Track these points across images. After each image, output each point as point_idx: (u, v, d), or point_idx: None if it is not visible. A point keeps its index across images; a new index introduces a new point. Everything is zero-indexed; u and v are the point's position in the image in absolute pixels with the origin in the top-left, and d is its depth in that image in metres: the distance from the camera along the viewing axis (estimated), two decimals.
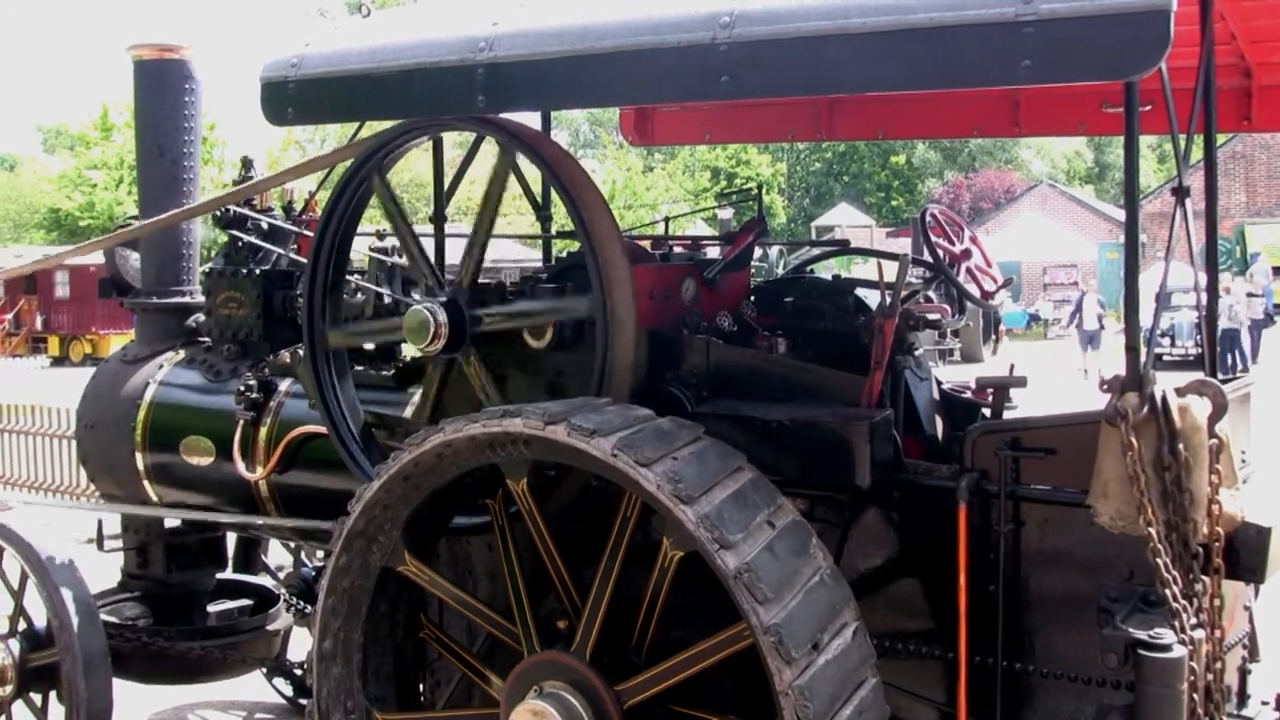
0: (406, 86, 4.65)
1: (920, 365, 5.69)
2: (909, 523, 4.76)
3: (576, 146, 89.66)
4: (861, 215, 61.36)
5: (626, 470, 3.95)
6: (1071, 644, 4.43)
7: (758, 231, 5.90)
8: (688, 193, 70.59)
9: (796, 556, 3.99)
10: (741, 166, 77.64)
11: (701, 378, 4.98)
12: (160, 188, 7.21)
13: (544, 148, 4.97)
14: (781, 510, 4.12)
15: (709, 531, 3.82)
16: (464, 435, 4.34)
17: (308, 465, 6.24)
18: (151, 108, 7.26)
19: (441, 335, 4.97)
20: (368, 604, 4.88)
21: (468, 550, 5.44)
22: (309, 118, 5.21)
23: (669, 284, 5.33)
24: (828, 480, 4.64)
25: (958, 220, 6.50)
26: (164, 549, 7.24)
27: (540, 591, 4.63)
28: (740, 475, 4.14)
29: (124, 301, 7.57)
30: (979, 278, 6.32)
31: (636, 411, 4.32)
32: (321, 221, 5.39)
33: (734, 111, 7.18)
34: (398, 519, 4.74)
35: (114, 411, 7.07)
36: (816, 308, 5.61)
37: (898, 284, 5.01)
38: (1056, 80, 3.63)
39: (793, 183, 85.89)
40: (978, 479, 4.50)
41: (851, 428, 4.53)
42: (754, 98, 4.48)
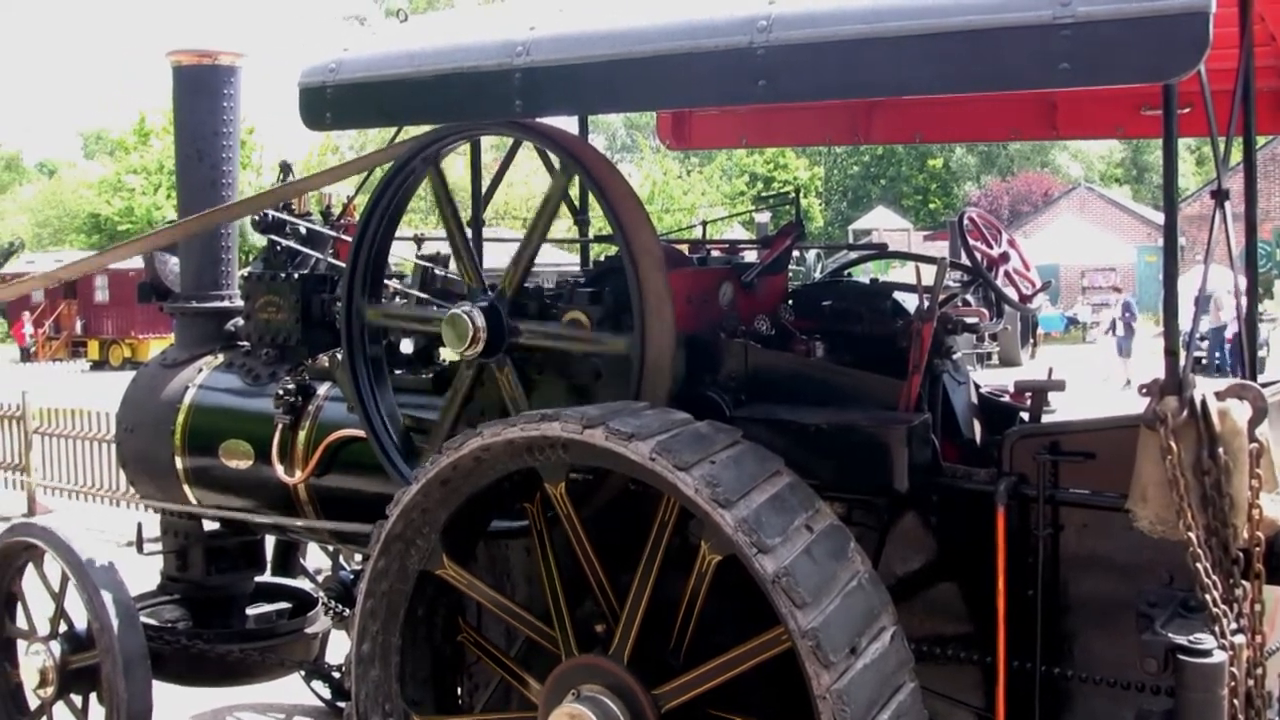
0: (444, 91, 4.66)
1: (958, 369, 5.68)
2: (947, 527, 4.75)
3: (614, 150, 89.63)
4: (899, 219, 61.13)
5: (665, 474, 3.95)
6: (1111, 649, 4.40)
7: (795, 235, 5.90)
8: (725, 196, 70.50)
9: (834, 560, 3.99)
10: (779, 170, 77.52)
11: (739, 381, 4.98)
12: (198, 192, 7.26)
13: (581, 152, 4.98)
14: (819, 514, 4.11)
15: (747, 535, 3.82)
16: (502, 439, 4.34)
17: (346, 469, 6.27)
18: (190, 113, 7.32)
19: (480, 339, 4.98)
20: (406, 607, 4.89)
21: (506, 554, 5.45)
22: (347, 122, 5.23)
23: (706, 288, 5.33)
24: (865, 484, 4.64)
25: (995, 223, 6.49)
26: (203, 552, 7.27)
27: (578, 595, 4.63)
28: (778, 479, 4.14)
29: (163, 306, 7.61)
30: (1017, 281, 6.30)
31: (674, 415, 4.32)
32: (361, 222, 5.41)
33: (771, 115, 7.17)
34: (436, 522, 4.75)
35: (153, 415, 7.12)
36: (854, 311, 5.60)
37: (935, 288, 5.00)
38: (1094, 83, 3.62)
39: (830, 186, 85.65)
40: (1016, 483, 4.48)
41: (889, 431, 4.52)
42: (791, 102, 4.48)
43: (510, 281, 5.08)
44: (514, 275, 5.08)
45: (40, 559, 6.71)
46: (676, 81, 4.18)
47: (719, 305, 5.36)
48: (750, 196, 67.30)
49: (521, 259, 5.08)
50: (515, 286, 5.08)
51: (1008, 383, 6.04)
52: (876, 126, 7.09)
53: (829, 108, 6.90)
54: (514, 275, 5.08)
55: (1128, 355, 31.43)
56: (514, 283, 5.08)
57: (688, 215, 53.81)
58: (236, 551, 7.42)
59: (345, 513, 6.26)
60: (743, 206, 58.15)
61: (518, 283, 5.09)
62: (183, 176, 7.39)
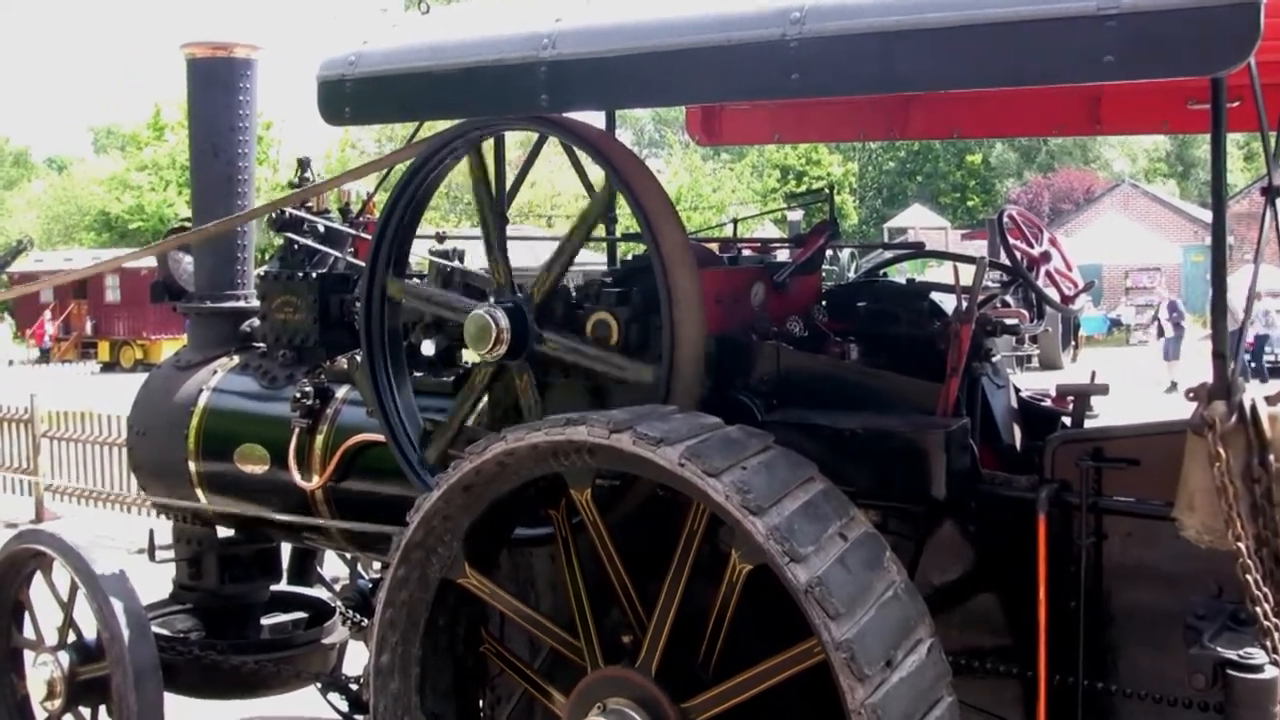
0: (467, 85, 4.68)
1: (998, 372, 5.67)
2: (986, 535, 4.74)
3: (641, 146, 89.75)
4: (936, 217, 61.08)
5: (694, 480, 3.96)
6: (1156, 663, 4.39)
7: (829, 233, 5.90)
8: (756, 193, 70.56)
9: (869, 570, 3.98)
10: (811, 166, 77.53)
11: (771, 385, 4.98)
12: (213, 189, 7.28)
13: (609, 148, 4.99)
14: (854, 522, 4.11)
15: (779, 544, 3.82)
16: (526, 444, 4.35)
17: (365, 474, 6.29)
18: (205, 107, 7.33)
19: (504, 341, 4.99)
20: (426, 617, 4.90)
21: (530, 562, 5.46)
22: (367, 117, 5.25)
23: (737, 288, 5.33)
24: (902, 491, 4.64)
25: (1036, 222, 6.48)
26: (217, 560, 7.29)
27: (604, 605, 4.63)
28: (811, 486, 4.14)
29: (177, 306, 7.63)
30: (1058, 281, 6.29)
31: (704, 419, 4.32)
32: (380, 221, 5.42)
33: (804, 110, 7.17)
34: (458, 530, 4.76)
35: (166, 418, 7.14)
36: (890, 312, 5.60)
37: (974, 288, 4.99)
38: (1140, 76, 3.61)
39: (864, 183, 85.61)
40: (1058, 490, 4.47)
41: (926, 437, 4.52)
42: (824, 96, 4.49)
43: (541, 287, 5.09)
44: (546, 281, 5.09)
45: (48, 567, 6.74)
46: (707, 75, 4.18)
47: (750, 306, 5.37)
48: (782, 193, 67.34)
49: (555, 266, 5.09)
50: (545, 293, 5.09)
51: (1049, 386, 6.03)
52: (913, 121, 7.08)
53: (864, 102, 6.90)
54: (546, 281, 5.09)
55: (1175, 358, 31.25)
56: (544, 290, 5.09)
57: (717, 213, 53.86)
58: (251, 559, 7.43)
59: (364, 519, 6.28)
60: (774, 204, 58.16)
61: (548, 290, 5.09)
62: (197, 173, 7.41)
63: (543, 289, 5.09)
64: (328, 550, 7.96)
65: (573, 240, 5.07)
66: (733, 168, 73.79)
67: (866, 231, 75.34)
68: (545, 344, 5.07)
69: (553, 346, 5.07)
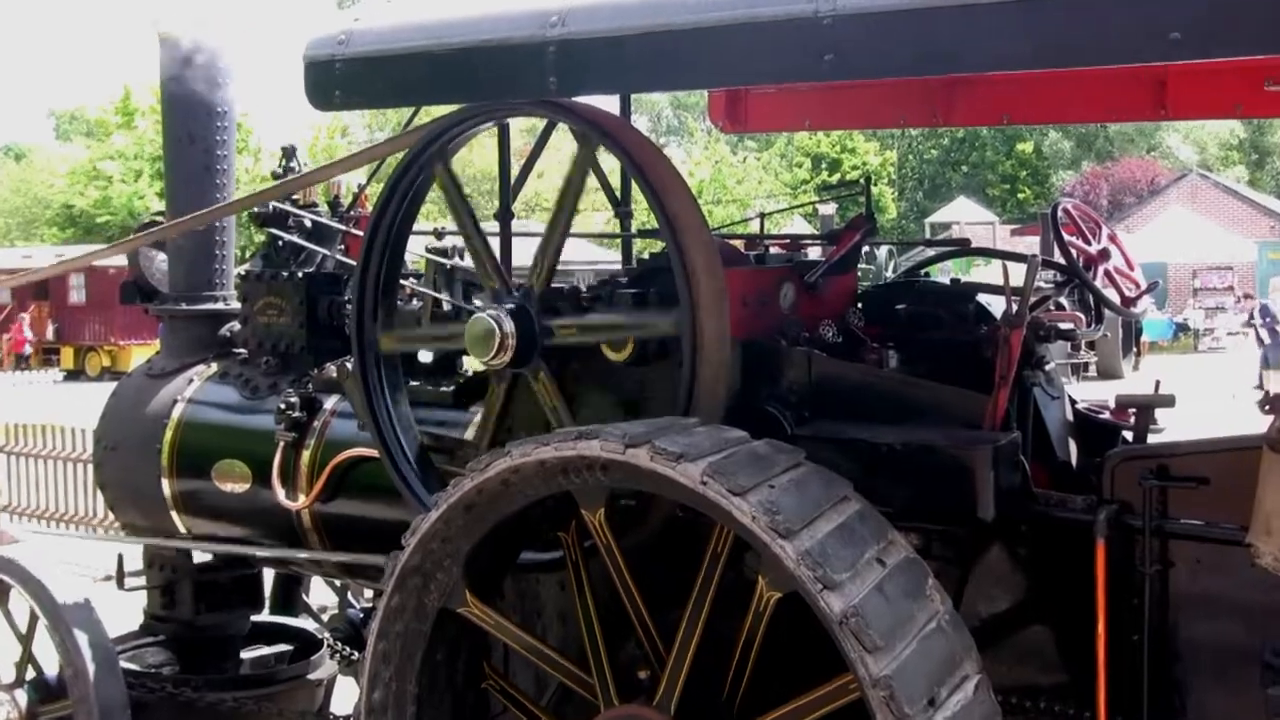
0: (468, 67, 4.69)
1: (1051, 382, 5.67)
2: (1039, 561, 4.74)
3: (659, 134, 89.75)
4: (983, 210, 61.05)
5: (717, 500, 3.96)
6: (1229, 704, 4.39)
7: (865, 229, 5.91)
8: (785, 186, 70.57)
9: (910, 599, 3.99)
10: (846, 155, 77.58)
11: (802, 395, 4.99)
12: (190, 179, 7.28)
13: (623, 135, 4.99)
14: (893, 546, 4.11)
15: (811, 570, 3.82)
16: (533, 460, 4.36)
17: (356, 493, 6.29)
18: (180, 90, 7.32)
19: (508, 347, 4.99)
20: (424, 650, 4.91)
21: (537, 590, 5.48)
22: (358, 102, 5.27)
23: (765, 289, 5.34)
24: (946, 512, 4.64)
25: (1094, 216, 6.48)
26: (192, 588, 7.28)
27: (619, 636, 4.64)
28: (846, 506, 4.14)
29: (149, 308, 7.62)
30: (1119, 282, 6.29)
31: (728, 433, 4.33)
32: (373, 218, 5.43)
33: (838, 94, 7.17)
34: (458, 554, 4.77)
35: (137, 432, 7.15)
36: (932, 316, 5.61)
37: (1025, 289, 4.99)
38: (1210, 55, 3.61)
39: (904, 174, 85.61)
40: (1118, 512, 4.47)
41: (973, 452, 4.52)
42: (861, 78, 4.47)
43: (539, 276, 5.10)
44: (542, 267, 5.10)
45: (5, 595, 6.73)
46: (732, 56, 4.19)
47: (779, 308, 5.38)
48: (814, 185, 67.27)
49: (549, 248, 5.10)
50: (545, 280, 5.10)
51: (1108, 397, 6.02)
52: (958, 106, 7.08)
53: (904, 85, 6.90)
54: (542, 267, 5.10)
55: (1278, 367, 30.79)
56: (543, 276, 5.10)
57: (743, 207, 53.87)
58: (230, 587, 7.43)
59: (355, 543, 6.29)
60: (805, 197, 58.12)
61: (547, 275, 5.10)
62: (172, 162, 7.41)
63: (542, 275, 5.09)
64: (315, 577, 7.98)
65: (560, 219, 5.08)
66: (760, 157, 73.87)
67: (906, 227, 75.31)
68: (555, 334, 5.08)
69: (563, 333, 5.08)
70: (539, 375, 5.09)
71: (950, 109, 7.09)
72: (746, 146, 75.11)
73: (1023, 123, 10.14)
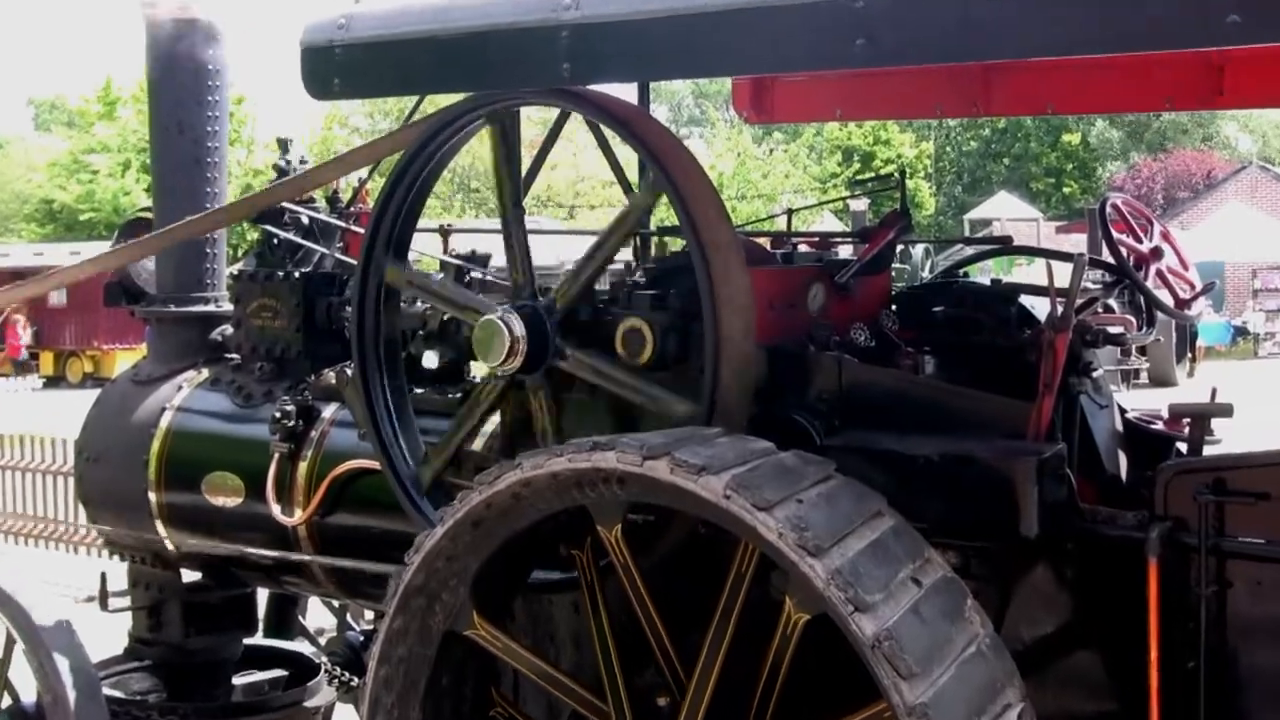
0: (476, 53, 4.70)
1: (1099, 390, 5.68)
2: (1086, 582, 4.74)
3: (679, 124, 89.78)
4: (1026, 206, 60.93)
5: (741, 515, 3.96)
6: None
7: (900, 226, 5.91)
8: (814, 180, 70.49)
9: (948, 621, 3.99)
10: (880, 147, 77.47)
11: (832, 403, 5.00)
12: (179, 172, 7.30)
13: (642, 126, 5.00)
14: (929, 565, 4.12)
15: (841, 590, 3.82)
16: (546, 472, 4.36)
17: (356, 507, 6.30)
18: (168, 77, 7.33)
19: (519, 352, 5.00)
20: (428, 675, 4.92)
21: (549, 611, 5.48)
22: (359, 90, 5.30)
23: (792, 290, 5.35)
24: (986, 529, 4.64)
25: (1145, 212, 6.48)
26: (181, 608, 7.27)
27: (637, 660, 4.64)
28: (879, 522, 4.15)
29: (135, 310, 7.63)
30: (1172, 282, 6.29)
31: (754, 444, 4.34)
32: (375, 215, 5.44)
33: (871, 81, 7.18)
34: (465, 573, 4.78)
35: (122, 442, 7.16)
36: (971, 319, 5.61)
37: (1071, 290, 4.99)
38: (1271, 39, 3.61)
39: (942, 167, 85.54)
40: (1172, 529, 4.47)
41: (1015, 465, 4.52)
42: (896, 65, 4.48)
43: (565, 294, 5.10)
44: (572, 288, 5.10)
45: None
46: (757, 41, 4.19)
47: (807, 311, 5.39)
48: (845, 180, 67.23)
49: (585, 270, 5.10)
50: (571, 301, 5.11)
51: (1160, 406, 6.02)
52: (999, 95, 7.09)
53: (942, 72, 6.91)
54: (572, 288, 5.10)
55: None
56: (570, 297, 5.10)
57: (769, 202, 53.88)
58: (222, 608, 7.42)
59: (355, 560, 6.30)
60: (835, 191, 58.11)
61: (574, 297, 5.11)
62: (160, 154, 7.43)
63: (568, 296, 5.10)
64: (312, 597, 8.00)
65: (609, 243, 5.09)
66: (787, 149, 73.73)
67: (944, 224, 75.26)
68: (566, 360, 5.09)
69: (574, 364, 5.09)
70: (567, 355, 5.08)
71: (991, 97, 7.09)
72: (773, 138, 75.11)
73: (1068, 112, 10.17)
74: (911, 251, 27.67)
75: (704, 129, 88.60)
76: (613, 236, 5.10)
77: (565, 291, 5.11)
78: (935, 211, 78.81)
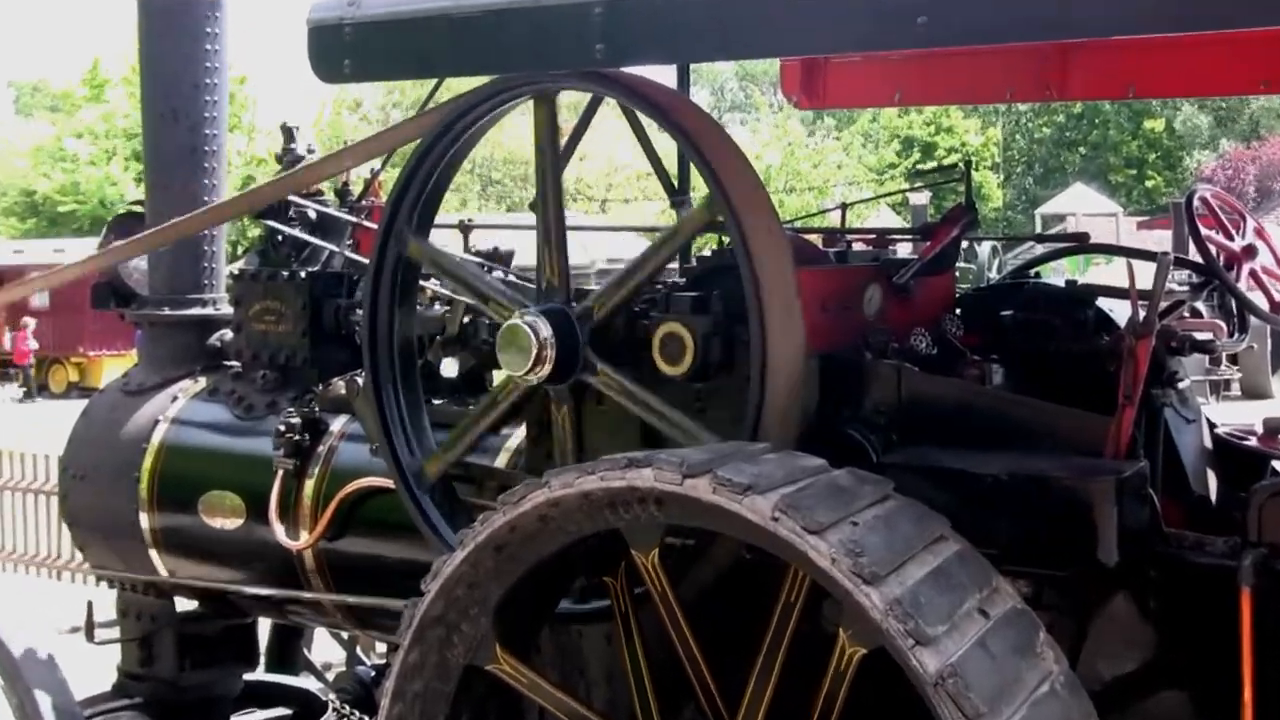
0: (501, 32, 4.70)
1: (1185, 402, 5.66)
2: (1172, 613, 4.73)
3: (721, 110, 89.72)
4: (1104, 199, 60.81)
5: (791, 539, 3.96)
6: None
7: (965, 222, 5.90)
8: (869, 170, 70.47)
9: (1019, 657, 3.98)
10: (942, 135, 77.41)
11: (890, 416, 5.00)
12: (174, 162, 7.32)
13: (681, 112, 5.01)
14: (998, 594, 4.11)
15: (901, 622, 3.81)
16: (576, 492, 4.34)
17: (368, 530, 6.33)
18: (162, 58, 7.36)
19: (546, 360, 5.01)
20: (446, 713, 4.91)
21: (579, 644, 5.49)
22: (371, 73, 5.30)
23: (846, 292, 5.35)
24: (1060, 555, 4.63)
25: (1237, 206, 6.46)
26: (175, 640, 7.29)
27: (675, 698, 4.65)
28: (943, 547, 4.14)
29: (125, 313, 7.65)
30: (1267, 283, 6.27)
31: (804, 461, 4.34)
32: (388, 210, 5.45)
33: (934, 63, 7.18)
34: (487, 602, 4.78)
35: (111, 459, 7.18)
36: (1044, 323, 5.61)
37: (1155, 292, 4.98)
38: None
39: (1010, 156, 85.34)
40: (1266, 556, 4.45)
41: (1092, 485, 4.51)
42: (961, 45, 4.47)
43: (604, 304, 5.10)
44: (612, 299, 5.10)
45: None
46: (808, 19, 4.20)
47: (863, 315, 5.39)
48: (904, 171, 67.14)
49: (629, 282, 5.08)
50: (609, 311, 5.11)
51: (1254, 420, 6.01)
52: (1075, 77, 7.07)
53: (1012, 52, 6.90)
54: (612, 299, 5.10)
55: None
56: (609, 308, 5.10)
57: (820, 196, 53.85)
58: (219, 640, 7.44)
59: (366, 588, 6.32)
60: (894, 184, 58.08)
61: (613, 308, 5.11)
62: (153, 142, 7.44)
63: (607, 307, 5.10)
64: (318, 628, 8.01)
65: (657, 258, 5.06)
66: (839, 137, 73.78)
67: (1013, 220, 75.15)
68: (596, 375, 5.08)
69: (603, 382, 5.08)
70: (598, 370, 5.08)
71: (1067, 80, 7.08)
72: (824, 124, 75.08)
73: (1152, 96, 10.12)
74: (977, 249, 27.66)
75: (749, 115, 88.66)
76: (662, 251, 5.08)
77: (604, 302, 5.10)
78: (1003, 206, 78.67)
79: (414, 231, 5.45)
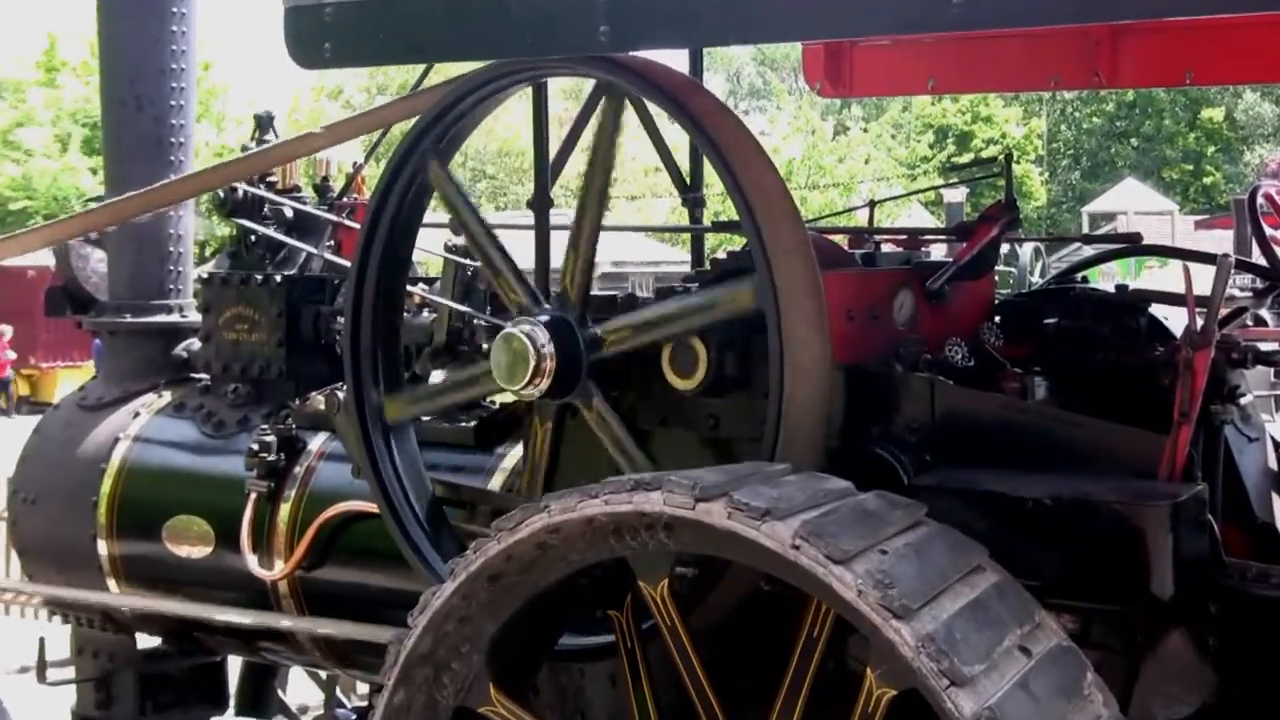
0: (496, 14, 4.72)
1: (1248, 419, 5.67)
2: (1232, 650, 4.74)
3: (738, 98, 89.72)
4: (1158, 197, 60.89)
5: (813, 569, 3.96)
6: None
7: (1005, 221, 5.91)
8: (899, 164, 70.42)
9: (1064, 699, 3.99)
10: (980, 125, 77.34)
11: (923, 434, 5.00)
12: (137, 155, 7.33)
13: (693, 101, 5.02)
14: (1041, 630, 4.12)
15: (934, 660, 3.82)
16: (578, 517, 4.35)
17: (349, 559, 6.34)
18: (125, 42, 7.37)
19: (546, 370, 5.00)
20: None
21: (580, 683, 5.49)
22: (354, 58, 5.31)
23: (875, 298, 5.36)
24: (1110, 587, 4.63)
25: None
26: (136, 681, 7.31)
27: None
28: (980, 578, 4.15)
29: (82, 321, 7.65)
30: None
31: (828, 484, 4.35)
32: (372, 207, 5.45)
33: (970, 47, 7.19)
34: (479, 638, 4.79)
35: (67, 480, 7.19)
36: (1091, 333, 5.61)
37: (1214, 299, 4.99)
38: None
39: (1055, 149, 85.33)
40: None
41: (1145, 510, 4.51)
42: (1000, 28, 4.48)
43: (616, 343, 5.09)
44: (573, 266, 5.12)
45: None
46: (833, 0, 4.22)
47: (894, 323, 5.40)
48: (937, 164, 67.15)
49: (649, 333, 5.05)
50: (581, 284, 5.11)
51: None
52: (1126, 63, 7.07)
53: (1056, 36, 6.91)
54: (573, 266, 5.12)
55: None
56: (577, 278, 5.11)
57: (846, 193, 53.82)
58: (185, 680, 7.46)
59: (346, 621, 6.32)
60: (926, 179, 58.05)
61: (583, 277, 5.11)
62: (114, 133, 7.46)
63: (574, 276, 5.11)
64: (294, 667, 8.01)
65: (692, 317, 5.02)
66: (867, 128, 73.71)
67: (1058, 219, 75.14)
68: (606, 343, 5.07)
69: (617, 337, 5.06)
70: (592, 403, 5.08)
71: (1117, 66, 7.08)
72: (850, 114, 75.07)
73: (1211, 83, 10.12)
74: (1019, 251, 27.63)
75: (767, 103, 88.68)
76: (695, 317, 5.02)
77: (617, 341, 5.10)
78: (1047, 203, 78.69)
79: (435, 152, 5.40)
